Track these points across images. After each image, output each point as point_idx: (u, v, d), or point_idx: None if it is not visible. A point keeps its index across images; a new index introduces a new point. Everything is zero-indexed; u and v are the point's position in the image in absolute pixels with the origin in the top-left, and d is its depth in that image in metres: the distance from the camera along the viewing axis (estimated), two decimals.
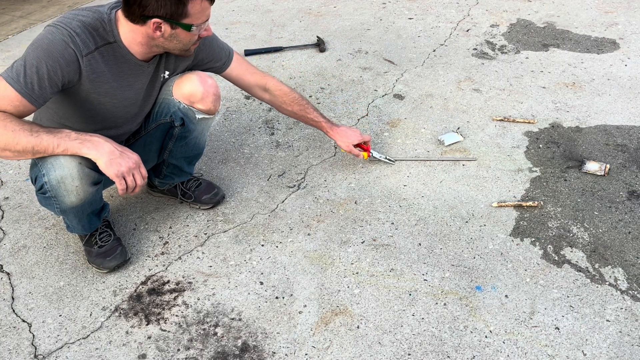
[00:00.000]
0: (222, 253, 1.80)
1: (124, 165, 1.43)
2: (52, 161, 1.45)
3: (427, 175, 2.11)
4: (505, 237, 1.82)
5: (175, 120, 1.73)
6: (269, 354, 1.48)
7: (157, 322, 1.58)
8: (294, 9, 3.67)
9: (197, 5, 1.46)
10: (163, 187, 1.98)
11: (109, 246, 1.74)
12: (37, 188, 1.58)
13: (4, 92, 1.37)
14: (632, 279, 1.65)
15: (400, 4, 3.67)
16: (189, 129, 1.77)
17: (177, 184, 1.97)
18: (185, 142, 1.81)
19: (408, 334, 1.52)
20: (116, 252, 1.73)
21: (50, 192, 1.52)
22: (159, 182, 1.96)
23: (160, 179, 1.95)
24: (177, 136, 1.78)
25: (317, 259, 1.77)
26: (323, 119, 2.00)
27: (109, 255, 1.72)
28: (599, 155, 2.16)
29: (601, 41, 3.02)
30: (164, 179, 1.94)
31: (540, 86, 2.64)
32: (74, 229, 1.73)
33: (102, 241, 1.74)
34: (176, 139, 1.79)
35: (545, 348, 1.46)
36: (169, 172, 1.92)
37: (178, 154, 1.85)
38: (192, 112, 1.73)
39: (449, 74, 2.78)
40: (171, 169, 1.91)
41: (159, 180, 1.95)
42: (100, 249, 1.73)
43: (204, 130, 1.85)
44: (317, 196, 2.03)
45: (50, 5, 3.90)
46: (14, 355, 1.50)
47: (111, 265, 1.72)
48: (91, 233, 1.75)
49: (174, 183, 1.97)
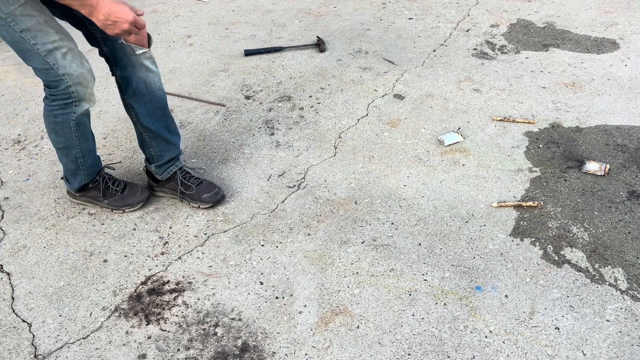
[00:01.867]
0: (222, 253, 1.80)
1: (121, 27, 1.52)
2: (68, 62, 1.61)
3: (427, 175, 2.11)
4: (505, 237, 1.82)
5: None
6: (269, 354, 1.48)
7: (157, 322, 1.58)
8: (294, 9, 3.67)
9: None
10: (162, 174, 1.99)
11: (129, 186, 1.98)
12: (60, 97, 1.67)
13: None
14: (632, 279, 1.65)
15: (400, 4, 3.67)
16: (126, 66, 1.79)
17: (177, 175, 1.99)
18: (137, 90, 1.82)
19: (408, 334, 1.52)
20: (138, 188, 1.99)
21: (73, 88, 1.65)
22: (155, 167, 1.98)
23: (155, 163, 1.97)
24: (123, 84, 1.82)
25: (317, 259, 1.77)
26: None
27: (137, 191, 1.98)
28: (599, 155, 2.16)
29: (601, 41, 3.02)
30: (159, 161, 1.96)
31: (540, 86, 2.64)
32: (87, 171, 1.90)
33: (119, 186, 1.97)
34: (126, 88, 1.83)
35: (545, 348, 1.46)
36: (156, 146, 1.93)
37: (143, 111, 1.86)
38: (130, 49, 1.73)
39: (449, 74, 2.78)
40: (156, 142, 1.92)
41: (155, 166, 1.98)
42: (123, 192, 1.96)
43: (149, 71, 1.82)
44: (317, 196, 2.03)
45: None
46: (14, 355, 1.50)
47: (144, 197, 1.98)
48: (106, 186, 1.95)
49: (169, 164, 1.98)
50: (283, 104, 2.59)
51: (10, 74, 2.96)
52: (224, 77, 2.85)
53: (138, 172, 2.19)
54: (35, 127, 2.49)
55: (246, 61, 2.98)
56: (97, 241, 1.87)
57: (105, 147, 2.33)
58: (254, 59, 3.01)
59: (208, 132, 2.42)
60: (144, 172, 2.14)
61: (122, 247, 1.84)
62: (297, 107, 2.57)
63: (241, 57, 3.03)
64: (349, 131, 2.38)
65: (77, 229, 1.92)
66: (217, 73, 2.89)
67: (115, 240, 1.87)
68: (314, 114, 2.51)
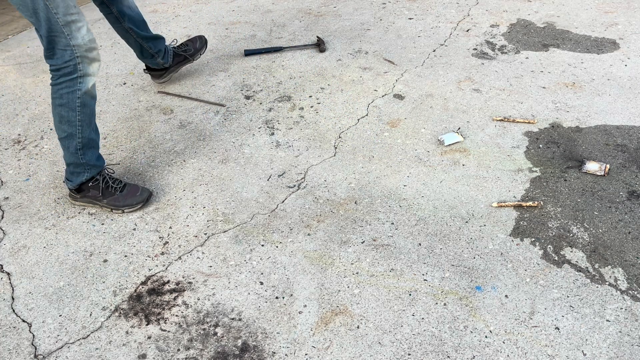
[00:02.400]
0: (222, 253, 1.80)
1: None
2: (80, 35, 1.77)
3: (427, 175, 2.11)
4: (505, 237, 1.82)
5: None
6: (269, 354, 1.48)
7: (157, 322, 1.58)
8: (294, 9, 3.67)
9: None
10: (167, 60, 2.61)
11: (128, 186, 2.01)
12: (65, 72, 1.79)
13: None
14: (632, 279, 1.65)
15: (400, 4, 3.67)
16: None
17: (173, 53, 2.63)
18: (129, 15, 2.35)
19: (408, 334, 1.52)
20: (138, 189, 2.02)
21: (79, 59, 1.78)
22: (161, 59, 2.59)
23: (159, 57, 2.58)
24: (120, 15, 2.34)
25: (317, 259, 1.77)
26: None
27: (137, 190, 2.01)
28: (599, 155, 2.16)
29: (601, 41, 3.02)
30: (159, 54, 2.56)
31: (540, 86, 2.64)
32: (91, 165, 1.95)
33: (118, 184, 2.00)
34: (122, 17, 2.35)
35: (545, 348, 1.46)
36: (153, 46, 2.51)
37: (137, 26, 2.40)
38: None
39: (449, 74, 2.78)
40: (152, 43, 2.49)
41: (160, 58, 2.58)
42: (122, 192, 1.99)
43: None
44: (317, 196, 2.03)
45: None
46: (14, 355, 1.50)
47: (145, 196, 2.00)
48: (106, 185, 1.98)
49: (166, 51, 2.59)
50: (283, 104, 2.59)
51: (10, 74, 2.96)
52: (224, 77, 2.85)
53: (138, 172, 2.19)
54: (35, 127, 2.50)
55: (246, 61, 2.98)
56: (97, 241, 1.87)
57: (105, 147, 2.33)
58: (254, 59, 3.01)
59: (208, 132, 2.42)
60: (145, 72, 2.72)
61: (122, 247, 1.84)
62: (297, 107, 2.57)
63: (241, 57, 3.03)
64: (349, 131, 2.38)
65: (77, 229, 1.92)
66: (217, 73, 2.89)
67: (115, 240, 1.87)
68: (314, 114, 2.51)
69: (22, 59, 3.12)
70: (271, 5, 3.74)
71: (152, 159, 2.26)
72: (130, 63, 3.02)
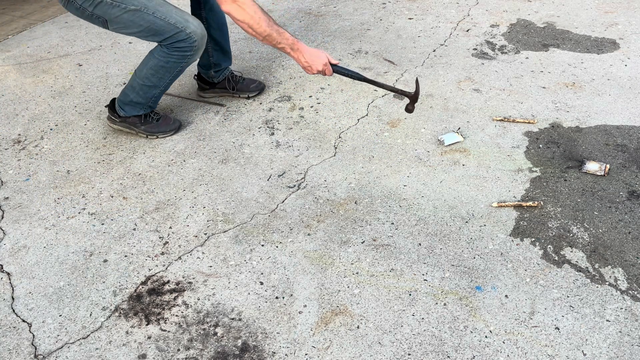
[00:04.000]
0: (222, 253, 1.80)
1: (319, 65, 2.04)
2: (197, 28, 2.08)
3: (427, 175, 2.11)
4: (505, 237, 1.82)
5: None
6: (269, 354, 1.48)
7: (157, 322, 1.58)
8: (294, 9, 3.67)
9: None
10: (219, 78, 2.56)
11: (163, 117, 2.37)
12: (174, 39, 2.06)
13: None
14: (632, 279, 1.65)
15: (400, 4, 3.66)
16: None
17: (227, 77, 2.57)
18: (212, 7, 2.36)
19: (408, 334, 1.52)
20: (171, 119, 2.38)
21: (197, 43, 2.10)
22: (214, 72, 2.54)
23: (214, 69, 2.53)
24: (203, 1, 2.36)
25: (317, 259, 1.77)
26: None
27: (170, 120, 2.37)
28: (599, 155, 2.16)
29: (601, 41, 3.02)
30: (216, 67, 2.53)
31: (540, 86, 2.64)
32: (150, 106, 2.29)
33: (155, 114, 2.35)
34: (204, 5, 2.36)
35: (545, 348, 1.46)
36: (216, 56, 2.50)
37: (214, 24, 2.40)
38: None
39: (449, 74, 2.78)
40: (216, 52, 2.48)
41: (214, 71, 2.54)
42: (159, 121, 2.34)
43: None
44: (317, 196, 2.03)
45: (51, 5, 3.89)
46: (14, 355, 1.50)
47: (176, 125, 2.38)
48: (146, 115, 2.31)
49: (225, 70, 2.56)
50: (283, 104, 2.59)
51: (10, 74, 2.97)
52: None
53: (138, 172, 2.19)
54: (35, 127, 2.50)
55: (246, 61, 2.98)
56: (97, 241, 1.87)
57: (105, 147, 2.33)
58: (254, 59, 3.01)
59: (208, 132, 2.42)
60: (194, 79, 2.66)
61: (122, 247, 1.84)
62: (297, 107, 2.57)
63: (241, 57, 3.03)
64: (349, 131, 2.38)
65: (77, 229, 1.92)
66: None
67: (115, 240, 1.87)
68: (314, 114, 2.51)
69: (22, 59, 3.12)
70: (271, 5, 3.74)
71: (152, 159, 2.26)
72: (130, 63, 3.02)
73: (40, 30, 3.49)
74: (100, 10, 2.02)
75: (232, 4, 1.90)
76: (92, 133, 2.43)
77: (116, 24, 2.06)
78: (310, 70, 2.05)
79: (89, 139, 2.39)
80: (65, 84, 2.84)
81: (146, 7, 2.02)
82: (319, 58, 2.02)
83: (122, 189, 2.10)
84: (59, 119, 2.55)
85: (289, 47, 1.99)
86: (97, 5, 2.01)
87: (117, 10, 2.01)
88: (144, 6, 2.02)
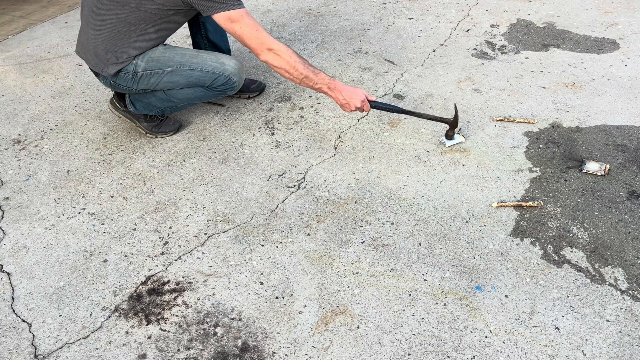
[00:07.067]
0: (222, 253, 1.80)
1: (357, 102, 2.03)
2: (234, 68, 2.18)
3: (427, 175, 2.11)
4: (505, 237, 1.82)
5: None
6: (269, 354, 1.48)
7: (157, 322, 1.58)
8: (294, 9, 3.67)
9: None
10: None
11: (165, 119, 2.40)
12: (216, 84, 2.18)
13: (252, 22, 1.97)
14: (632, 279, 1.65)
15: (400, 4, 3.66)
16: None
17: None
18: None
19: (408, 334, 1.52)
20: (171, 120, 2.40)
21: (237, 83, 2.21)
22: None
23: None
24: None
25: (317, 259, 1.77)
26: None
27: (170, 121, 2.40)
28: (599, 155, 2.16)
29: (601, 41, 3.02)
30: None
31: (540, 86, 2.64)
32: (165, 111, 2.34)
33: (161, 116, 2.37)
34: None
35: (545, 348, 1.46)
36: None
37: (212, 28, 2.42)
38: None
39: (449, 74, 2.78)
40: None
41: None
42: (162, 121, 2.37)
43: None
44: (317, 196, 2.03)
45: (50, 5, 3.90)
46: (14, 355, 1.50)
47: (176, 126, 2.40)
48: (150, 115, 2.33)
49: None
50: (283, 104, 2.59)
51: (10, 74, 2.97)
52: None
53: (138, 172, 2.19)
54: (35, 127, 2.50)
55: (246, 61, 2.98)
56: (97, 241, 1.87)
57: (105, 147, 2.34)
58: (254, 59, 3.01)
59: (208, 132, 2.42)
60: None
61: (122, 247, 1.84)
62: (297, 107, 2.57)
63: (240, 57, 3.03)
64: (349, 131, 2.38)
65: (77, 229, 1.92)
66: None
67: (115, 240, 1.87)
68: (314, 114, 2.51)
69: (22, 59, 3.12)
70: (271, 5, 3.74)
71: (152, 159, 2.26)
72: None
73: (40, 30, 3.49)
74: (143, 83, 2.14)
75: (269, 53, 1.95)
76: (92, 133, 2.43)
77: (161, 88, 2.18)
78: (347, 107, 2.05)
79: (89, 139, 2.39)
80: (65, 84, 2.84)
81: (181, 63, 2.12)
82: (356, 95, 2.03)
83: (122, 189, 2.10)
84: (59, 119, 2.55)
85: (326, 86, 2.01)
86: (139, 81, 2.13)
87: (157, 77, 2.12)
88: (178, 64, 2.11)
